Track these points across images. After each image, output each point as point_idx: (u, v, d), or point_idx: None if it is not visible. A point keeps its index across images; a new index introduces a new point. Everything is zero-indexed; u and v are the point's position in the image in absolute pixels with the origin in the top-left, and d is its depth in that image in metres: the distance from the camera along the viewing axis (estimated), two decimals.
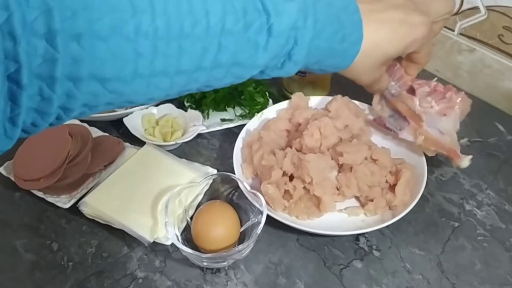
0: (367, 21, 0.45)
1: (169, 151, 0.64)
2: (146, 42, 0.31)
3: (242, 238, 0.55)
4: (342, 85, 0.69)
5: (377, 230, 0.56)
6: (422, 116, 0.58)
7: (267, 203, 0.55)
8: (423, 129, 0.58)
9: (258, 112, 0.68)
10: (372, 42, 0.45)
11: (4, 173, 0.61)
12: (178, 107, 0.69)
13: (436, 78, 0.60)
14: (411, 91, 0.58)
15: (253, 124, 0.67)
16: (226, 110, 0.71)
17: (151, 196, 0.57)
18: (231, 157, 0.61)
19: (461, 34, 0.74)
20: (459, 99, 0.58)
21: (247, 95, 0.70)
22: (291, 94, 0.69)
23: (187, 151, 0.67)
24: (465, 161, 0.57)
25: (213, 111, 0.70)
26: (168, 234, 0.52)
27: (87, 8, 0.29)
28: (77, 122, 0.66)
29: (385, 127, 0.61)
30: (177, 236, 0.53)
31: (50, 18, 0.27)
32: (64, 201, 0.58)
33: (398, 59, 0.57)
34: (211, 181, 0.58)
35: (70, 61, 0.29)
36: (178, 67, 0.34)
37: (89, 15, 0.29)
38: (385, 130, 0.62)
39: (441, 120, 0.58)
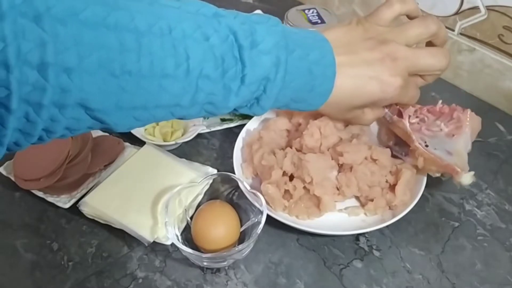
0: (339, 74, 0.47)
1: (169, 151, 0.64)
2: (129, 79, 0.33)
3: (242, 238, 0.55)
4: None
5: (377, 230, 0.56)
6: (412, 136, 0.57)
7: (267, 203, 0.55)
8: (419, 150, 0.56)
9: None
10: (337, 94, 0.47)
11: (4, 173, 0.61)
12: None
13: (441, 101, 0.60)
14: (399, 114, 0.58)
15: (253, 124, 0.67)
16: None
17: (151, 196, 0.57)
18: (231, 157, 0.61)
19: (461, 34, 0.74)
20: (468, 117, 0.57)
21: None
22: None
23: (187, 151, 0.67)
24: (465, 178, 0.55)
25: None
26: (168, 234, 0.52)
27: (78, 44, 0.30)
28: None
29: (393, 155, 0.60)
30: (177, 236, 0.53)
31: (44, 51, 0.29)
32: (64, 201, 0.58)
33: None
34: (211, 181, 0.58)
35: (59, 91, 0.30)
36: (157, 103, 0.36)
37: (79, 51, 0.30)
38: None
39: (450, 141, 0.56)
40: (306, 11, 0.76)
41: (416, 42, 0.52)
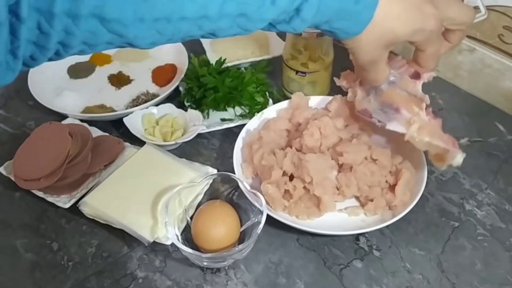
0: None
1: (169, 151, 0.64)
2: None
3: (242, 238, 0.55)
4: None
5: (377, 230, 0.56)
6: (425, 98, 0.55)
7: (267, 203, 0.55)
8: (420, 116, 0.53)
9: (258, 112, 0.68)
10: (385, 14, 0.44)
11: (4, 173, 0.61)
12: (178, 107, 0.69)
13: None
14: (416, 75, 0.55)
15: (253, 124, 0.67)
16: (226, 110, 0.71)
17: (151, 196, 0.57)
18: (231, 157, 0.61)
19: None
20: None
21: (247, 95, 0.70)
22: (291, 94, 0.69)
23: (187, 151, 0.67)
24: (458, 157, 0.53)
25: (213, 111, 0.70)
26: (168, 234, 0.52)
27: None
28: (77, 122, 0.66)
29: (370, 117, 0.56)
30: (177, 236, 0.53)
31: None
32: (64, 201, 0.58)
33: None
34: (211, 181, 0.58)
35: None
36: (181, 14, 0.34)
37: None
38: (369, 121, 0.58)
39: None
40: None
41: (451, 19, 0.51)
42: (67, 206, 0.58)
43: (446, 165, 0.54)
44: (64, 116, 0.68)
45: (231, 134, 0.67)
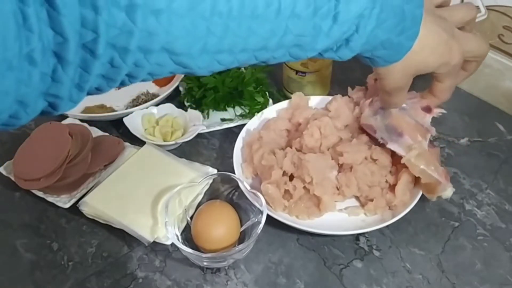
0: (424, 22, 0.45)
1: (169, 151, 0.64)
2: (219, 21, 0.32)
3: (242, 238, 0.55)
4: (342, 85, 0.69)
5: (377, 230, 0.56)
6: (432, 130, 0.57)
7: (267, 203, 0.55)
8: (422, 145, 0.55)
9: (258, 112, 0.68)
10: (422, 45, 0.46)
11: (4, 173, 0.61)
12: (178, 107, 0.70)
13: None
14: (427, 109, 0.58)
15: (253, 124, 0.67)
16: (226, 110, 0.71)
17: (151, 196, 0.57)
18: (231, 157, 0.61)
19: None
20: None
21: (247, 95, 0.70)
22: (291, 94, 0.69)
23: (187, 151, 0.67)
24: (448, 191, 0.55)
25: (213, 111, 0.71)
26: (168, 234, 0.52)
27: None
28: (77, 122, 0.66)
29: (374, 132, 0.58)
30: (177, 236, 0.53)
31: None
32: (64, 201, 0.58)
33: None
34: (211, 181, 0.58)
35: (146, 34, 0.29)
36: (244, 46, 0.35)
37: None
38: (372, 136, 0.60)
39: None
40: None
41: (459, 24, 0.52)
42: (67, 206, 0.58)
43: (435, 197, 0.55)
44: (64, 116, 0.68)
45: (231, 134, 0.67)
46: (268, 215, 0.52)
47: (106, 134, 0.66)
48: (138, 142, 0.65)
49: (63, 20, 0.26)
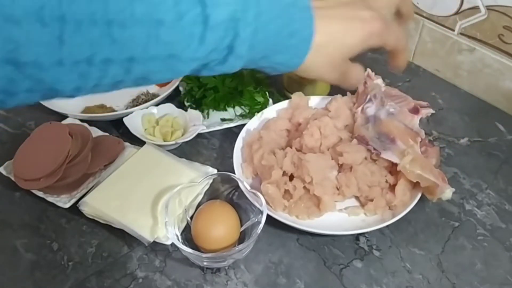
0: (318, 17, 0.43)
1: (169, 151, 0.64)
2: (66, 27, 0.29)
3: (242, 238, 0.55)
4: None
5: (377, 230, 0.56)
6: (421, 133, 0.57)
7: (267, 203, 0.55)
8: (414, 149, 0.55)
9: (258, 112, 0.68)
10: (326, 35, 0.44)
11: (4, 173, 0.61)
12: (178, 106, 0.69)
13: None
14: (415, 110, 0.58)
15: (253, 124, 0.67)
16: (226, 110, 0.71)
17: (151, 196, 0.57)
18: (231, 157, 0.61)
19: (461, 33, 0.74)
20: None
21: (247, 95, 0.70)
22: (291, 94, 0.69)
23: (187, 151, 0.67)
24: (447, 192, 0.55)
25: (213, 111, 0.70)
26: (168, 233, 0.52)
27: None
28: (77, 122, 0.66)
29: (367, 144, 0.58)
30: (177, 235, 0.53)
31: None
32: (64, 201, 0.58)
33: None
34: (211, 180, 0.58)
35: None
36: (103, 56, 0.32)
37: None
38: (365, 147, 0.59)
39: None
40: None
41: (386, 6, 0.52)
42: (67, 206, 0.58)
43: (436, 198, 0.56)
44: (64, 116, 0.68)
45: (231, 134, 0.67)
46: (268, 215, 0.52)
47: (106, 134, 0.66)
48: (138, 142, 0.65)
49: None
